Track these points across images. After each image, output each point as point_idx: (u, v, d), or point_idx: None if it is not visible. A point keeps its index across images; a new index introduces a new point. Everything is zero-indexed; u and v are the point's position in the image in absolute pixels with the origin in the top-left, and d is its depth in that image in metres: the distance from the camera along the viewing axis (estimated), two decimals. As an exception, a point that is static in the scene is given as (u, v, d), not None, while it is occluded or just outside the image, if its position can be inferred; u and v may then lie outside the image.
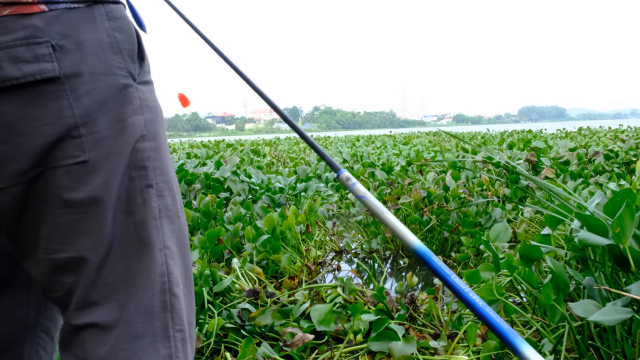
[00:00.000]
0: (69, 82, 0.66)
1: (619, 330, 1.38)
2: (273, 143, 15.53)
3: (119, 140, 0.70)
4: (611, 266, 1.51)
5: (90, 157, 0.67)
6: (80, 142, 0.67)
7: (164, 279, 0.72)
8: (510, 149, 6.14)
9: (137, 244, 0.71)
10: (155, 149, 0.74)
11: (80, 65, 0.67)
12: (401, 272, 2.82)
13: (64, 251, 0.68)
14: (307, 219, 3.16)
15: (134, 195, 0.71)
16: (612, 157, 4.91)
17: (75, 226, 0.68)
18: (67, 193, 0.67)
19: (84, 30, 0.68)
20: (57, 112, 0.65)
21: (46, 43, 0.65)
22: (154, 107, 0.75)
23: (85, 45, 0.68)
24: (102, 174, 0.68)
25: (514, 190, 3.68)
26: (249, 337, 1.49)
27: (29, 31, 0.64)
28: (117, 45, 0.71)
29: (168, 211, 0.75)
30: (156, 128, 0.75)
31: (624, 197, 1.38)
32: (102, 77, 0.69)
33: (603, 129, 14.56)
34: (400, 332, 1.61)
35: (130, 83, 0.72)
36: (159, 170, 0.74)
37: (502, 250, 2.03)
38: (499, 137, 13.93)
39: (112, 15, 0.72)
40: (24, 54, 0.64)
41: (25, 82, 0.64)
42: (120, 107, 0.70)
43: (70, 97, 0.66)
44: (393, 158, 7.37)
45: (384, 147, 10.35)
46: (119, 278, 0.69)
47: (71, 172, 0.67)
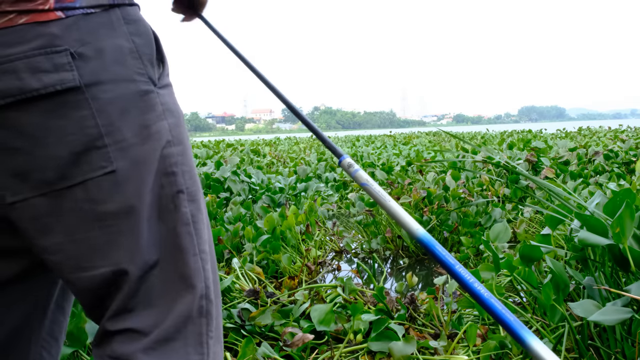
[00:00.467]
0: (90, 91, 0.65)
1: (618, 330, 1.38)
2: (273, 143, 15.53)
3: (145, 147, 0.68)
4: (611, 266, 1.51)
5: (117, 167, 0.66)
6: (105, 152, 0.65)
7: (201, 284, 0.72)
8: (510, 149, 6.14)
9: (173, 251, 0.70)
10: (182, 154, 0.73)
11: (100, 73, 0.65)
12: (401, 272, 2.82)
13: (99, 267, 0.67)
14: (307, 219, 3.16)
15: (165, 202, 0.70)
16: (612, 157, 4.92)
17: (109, 240, 0.66)
18: (98, 206, 0.65)
19: (102, 36, 0.66)
20: (79, 122, 0.64)
21: (65, 51, 0.63)
22: (175, 111, 0.74)
23: (105, 52, 0.66)
24: (133, 183, 0.67)
25: (514, 190, 3.68)
26: (249, 337, 1.49)
27: (46, 39, 0.63)
28: (137, 50, 0.69)
29: (200, 214, 0.74)
30: (180, 132, 0.74)
31: (623, 197, 1.38)
32: (123, 84, 0.67)
33: (603, 129, 14.56)
34: (400, 332, 1.61)
35: (151, 89, 0.70)
36: (188, 174, 0.73)
37: (502, 250, 2.03)
38: (499, 137, 13.93)
39: (130, 19, 0.70)
40: (43, 63, 0.62)
41: (46, 92, 0.62)
42: (144, 114, 0.69)
43: (92, 106, 0.65)
44: (393, 158, 7.37)
45: (384, 147, 10.35)
46: (158, 286, 0.69)
47: (100, 184, 0.65)
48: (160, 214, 0.70)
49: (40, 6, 0.62)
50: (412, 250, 3.09)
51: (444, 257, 0.63)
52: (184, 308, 0.70)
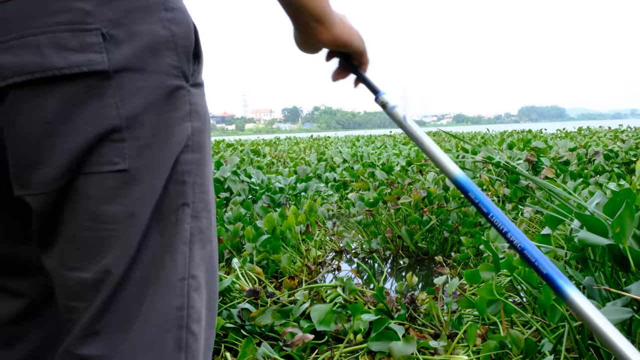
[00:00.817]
0: (117, 78, 0.58)
1: (618, 330, 1.38)
2: (273, 143, 15.54)
3: (163, 149, 0.61)
4: (611, 266, 1.51)
5: (130, 166, 0.59)
6: (121, 147, 0.58)
7: (182, 313, 0.63)
8: (510, 149, 6.14)
9: (159, 268, 0.62)
10: (198, 162, 0.65)
11: (131, 59, 0.58)
12: (401, 272, 2.82)
13: (82, 270, 0.60)
14: (307, 219, 3.16)
15: (167, 212, 0.62)
16: (612, 157, 4.91)
17: (100, 243, 0.59)
18: (98, 205, 0.58)
19: (138, 20, 0.59)
20: (100, 110, 0.57)
21: (96, 30, 0.56)
22: (203, 114, 0.67)
23: (139, 37, 0.59)
24: (142, 186, 0.60)
25: (514, 190, 3.68)
26: (249, 337, 1.49)
27: (75, 15, 0.56)
28: (173, 39, 0.62)
29: (202, 234, 0.66)
30: (202, 138, 0.66)
31: (623, 197, 1.38)
32: (153, 75, 0.60)
33: (603, 129, 14.57)
34: (400, 332, 1.61)
35: (183, 84, 0.63)
36: (199, 187, 0.65)
37: (502, 250, 2.03)
38: (499, 137, 13.93)
39: (170, 5, 0.63)
40: (69, 40, 0.55)
41: (70, 73, 0.55)
42: (169, 112, 0.62)
43: (117, 95, 0.58)
44: (393, 158, 7.37)
45: (384, 147, 10.35)
46: (132, 305, 0.60)
47: (106, 181, 0.58)
48: (159, 226, 0.62)
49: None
50: (412, 250, 3.09)
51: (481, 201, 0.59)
52: (158, 338, 0.61)
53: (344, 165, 6.68)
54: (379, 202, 3.31)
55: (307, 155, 9.18)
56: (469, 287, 2.20)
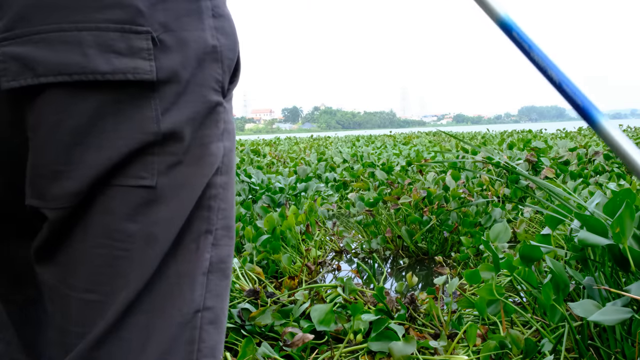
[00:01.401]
0: (161, 90, 0.52)
1: (618, 330, 1.38)
2: (273, 143, 15.53)
3: (196, 170, 0.55)
4: (611, 266, 1.51)
5: (158, 183, 0.53)
6: (150, 161, 0.52)
7: (192, 347, 0.57)
8: (510, 149, 6.14)
9: (173, 298, 0.55)
10: (225, 186, 0.60)
11: (178, 70, 0.53)
12: (401, 272, 2.82)
13: (87, 291, 0.53)
14: (307, 219, 3.16)
15: (188, 240, 0.56)
16: (612, 157, 4.91)
17: (112, 264, 0.52)
18: (116, 221, 0.52)
19: (187, 25, 0.54)
20: (138, 124, 0.51)
21: (146, 34, 0.50)
22: (233, 133, 0.61)
23: (188, 46, 0.54)
24: (167, 207, 0.54)
25: (514, 190, 3.68)
26: (249, 337, 1.49)
27: (128, 13, 0.50)
28: (220, 51, 0.57)
29: (222, 264, 0.60)
30: (231, 159, 0.61)
31: (623, 197, 1.38)
32: (197, 88, 0.55)
33: (603, 129, 14.54)
34: (400, 332, 1.61)
35: (221, 100, 0.58)
36: (222, 212, 0.60)
37: (502, 250, 2.03)
38: (499, 137, 13.93)
39: (218, 12, 0.57)
40: (117, 42, 0.49)
41: (113, 80, 0.49)
42: (206, 129, 0.56)
43: (159, 108, 0.52)
44: (393, 158, 7.37)
45: (384, 147, 10.35)
46: (137, 335, 0.54)
47: (128, 196, 0.52)
48: (178, 253, 0.56)
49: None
50: (412, 250, 3.09)
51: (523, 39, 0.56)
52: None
53: (344, 165, 6.69)
54: (379, 202, 3.31)
55: (307, 155, 9.18)
56: (469, 287, 2.21)
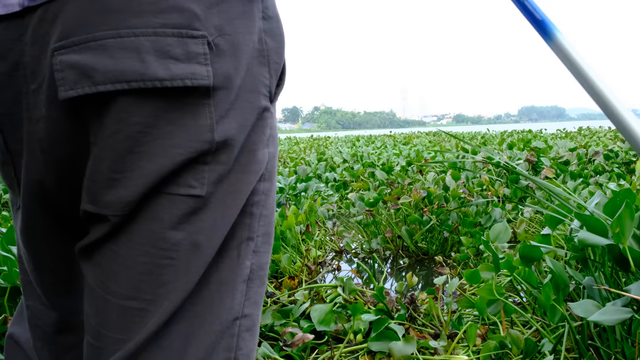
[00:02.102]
0: (216, 96, 0.50)
1: (618, 330, 1.38)
2: (273, 143, 15.52)
3: (243, 177, 0.55)
4: (611, 266, 1.51)
5: (207, 193, 0.52)
6: (201, 170, 0.51)
7: (229, 354, 0.56)
8: (510, 149, 6.14)
9: (213, 306, 0.55)
10: (267, 192, 0.59)
11: (232, 75, 0.51)
12: (401, 272, 2.82)
13: (129, 298, 0.52)
14: (307, 219, 3.16)
15: (231, 247, 0.56)
16: (612, 157, 4.92)
17: (155, 271, 0.52)
18: (162, 229, 0.51)
19: (240, 29, 0.52)
20: (194, 133, 0.50)
21: (202, 38, 0.49)
22: (276, 138, 0.60)
23: (240, 50, 0.52)
24: (213, 216, 0.53)
25: (514, 190, 3.68)
26: (249, 337, 1.49)
27: (185, 17, 0.48)
28: (267, 54, 0.55)
29: (261, 271, 0.60)
30: (274, 165, 0.60)
31: (623, 197, 1.38)
32: (247, 94, 0.53)
33: (603, 129, 14.56)
34: (400, 332, 1.61)
35: (269, 106, 0.57)
36: (264, 219, 0.59)
37: (502, 250, 2.03)
38: (499, 137, 13.93)
39: (268, 14, 0.56)
40: (174, 47, 0.48)
41: (171, 86, 0.48)
42: (254, 136, 0.55)
43: (214, 115, 0.50)
44: (393, 158, 7.37)
45: (384, 147, 10.35)
46: (176, 344, 0.53)
47: (176, 205, 0.51)
48: (220, 260, 0.55)
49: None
50: (412, 250, 3.09)
51: None
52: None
53: (344, 165, 6.69)
54: (379, 202, 3.31)
55: (307, 155, 9.18)
56: (469, 287, 2.21)
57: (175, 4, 0.48)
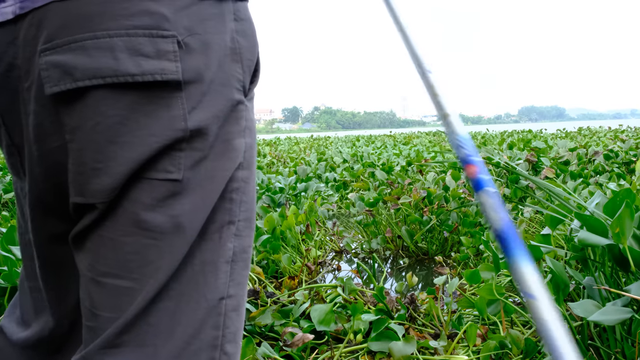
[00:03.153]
0: (187, 89, 0.56)
1: (618, 330, 1.38)
2: (273, 143, 15.53)
3: (219, 164, 0.60)
4: (611, 266, 1.51)
5: (184, 177, 0.57)
6: (177, 156, 0.56)
7: (217, 332, 0.60)
8: (510, 149, 6.14)
9: (198, 286, 0.59)
10: (246, 180, 0.64)
11: (202, 70, 0.57)
12: (401, 272, 2.82)
13: (117, 277, 0.57)
14: (307, 219, 3.16)
15: (212, 230, 0.61)
16: (612, 157, 4.92)
17: (139, 251, 0.56)
18: (143, 212, 0.56)
19: (211, 29, 0.58)
20: (168, 122, 0.55)
21: (172, 38, 0.54)
22: (254, 130, 0.66)
23: (211, 48, 0.58)
24: (192, 199, 0.57)
25: (514, 190, 3.68)
26: (249, 337, 1.49)
27: (154, 19, 0.54)
28: (240, 52, 0.61)
29: (244, 254, 0.65)
30: (252, 155, 0.65)
31: (623, 197, 1.38)
32: (219, 88, 0.59)
33: (603, 129, 14.57)
34: (400, 332, 1.61)
35: (242, 99, 0.62)
36: (245, 205, 0.64)
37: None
38: (499, 137, 13.94)
39: (240, 16, 0.62)
40: (145, 46, 0.53)
41: (142, 81, 0.54)
42: (229, 126, 0.60)
43: (185, 106, 0.56)
44: (393, 158, 7.37)
45: (384, 147, 10.35)
46: (164, 320, 0.57)
47: (156, 189, 0.56)
48: (202, 242, 0.60)
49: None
50: (412, 250, 3.09)
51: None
52: (190, 359, 0.58)
53: (344, 165, 6.69)
54: (379, 202, 3.31)
55: (307, 155, 9.18)
56: (469, 287, 2.20)
57: (146, 8, 0.54)
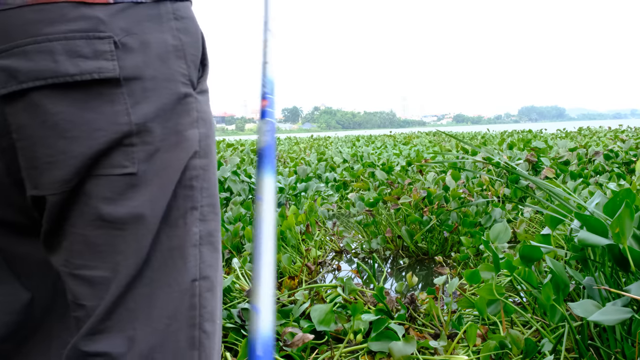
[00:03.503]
0: (128, 85, 0.60)
1: (618, 330, 1.38)
2: (273, 143, 15.50)
3: (173, 154, 0.64)
4: (611, 266, 1.51)
5: (139, 170, 0.61)
6: (131, 151, 0.60)
7: (193, 312, 0.65)
8: (510, 149, 6.14)
9: (170, 270, 0.64)
10: (205, 168, 0.68)
11: (142, 67, 0.61)
12: (401, 272, 2.82)
13: (92, 268, 0.61)
14: (307, 219, 3.16)
15: (176, 216, 0.65)
16: (612, 157, 4.92)
17: (108, 243, 0.61)
18: (106, 206, 0.60)
19: (149, 29, 0.62)
20: (112, 117, 0.59)
21: (108, 39, 0.59)
22: (209, 121, 0.69)
23: (150, 46, 0.62)
24: (149, 190, 0.62)
25: (514, 190, 3.68)
26: (249, 337, 1.49)
27: (90, 23, 0.58)
28: (182, 48, 0.65)
29: (211, 237, 0.68)
30: (208, 144, 0.69)
31: (623, 197, 1.38)
32: (163, 83, 0.63)
33: (603, 129, 14.56)
34: (400, 332, 1.61)
35: (190, 92, 0.66)
36: (206, 191, 0.68)
37: (502, 250, 2.03)
38: (499, 137, 13.93)
39: (179, 15, 0.66)
40: (82, 48, 0.58)
41: (81, 80, 0.58)
42: (178, 118, 0.64)
43: (128, 101, 0.60)
44: (393, 158, 7.37)
45: (384, 147, 10.35)
46: (142, 305, 0.62)
47: (115, 183, 0.60)
48: (168, 229, 0.64)
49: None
50: (412, 250, 3.09)
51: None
52: (170, 338, 0.63)
53: (344, 165, 6.69)
54: (379, 202, 3.31)
55: (307, 155, 9.18)
56: (469, 287, 2.20)
57: (83, 13, 0.58)
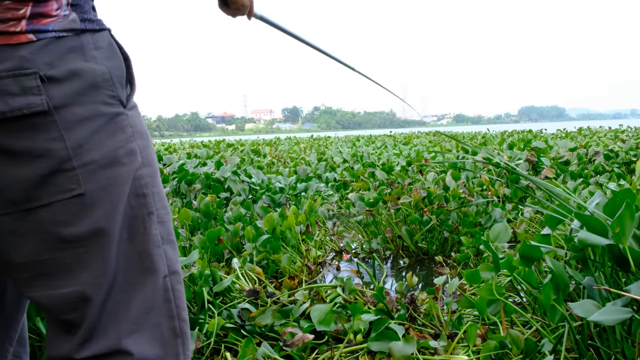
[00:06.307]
0: (59, 113, 0.64)
1: (618, 330, 1.38)
2: (273, 143, 15.52)
3: (116, 170, 0.69)
4: (611, 266, 1.51)
5: (86, 190, 0.66)
6: (74, 174, 0.65)
7: (170, 305, 0.73)
8: (511, 149, 6.14)
9: (141, 273, 0.71)
10: (152, 175, 0.74)
11: (70, 95, 0.65)
12: (401, 272, 2.82)
13: (66, 286, 0.67)
14: (307, 219, 3.16)
15: (135, 223, 0.71)
16: (612, 157, 4.91)
17: (77, 260, 0.66)
18: (65, 228, 0.65)
19: (73, 60, 0.66)
20: (48, 144, 0.64)
21: (34, 74, 0.63)
22: (144, 133, 0.75)
23: (75, 75, 0.66)
24: (102, 205, 0.67)
25: (514, 190, 3.68)
26: (249, 337, 1.49)
27: (15, 62, 0.62)
28: (108, 72, 0.70)
29: (170, 236, 0.75)
30: (149, 153, 0.74)
31: (623, 197, 1.38)
32: (92, 106, 0.67)
33: (603, 129, 14.55)
34: (400, 332, 1.61)
35: (121, 111, 0.71)
36: (157, 195, 0.74)
37: (502, 250, 2.03)
38: (499, 137, 13.92)
39: (99, 45, 0.70)
40: (10, 86, 0.62)
41: (12, 116, 0.62)
42: (114, 137, 0.69)
43: (61, 128, 0.64)
44: (393, 158, 7.36)
45: (384, 147, 10.35)
46: (123, 308, 0.69)
47: (68, 207, 0.65)
48: (131, 236, 0.70)
49: (12, 28, 0.62)
50: (412, 250, 3.09)
51: None
52: (154, 331, 0.71)
53: (344, 165, 6.68)
54: (379, 202, 3.31)
55: (307, 155, 9.18)
56: (469, 287, 2.20)
57: (7, 54, 0.62)
